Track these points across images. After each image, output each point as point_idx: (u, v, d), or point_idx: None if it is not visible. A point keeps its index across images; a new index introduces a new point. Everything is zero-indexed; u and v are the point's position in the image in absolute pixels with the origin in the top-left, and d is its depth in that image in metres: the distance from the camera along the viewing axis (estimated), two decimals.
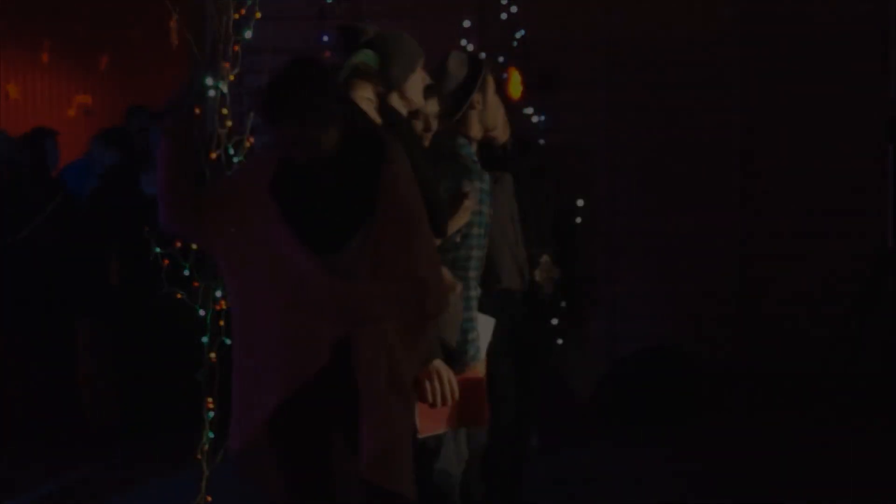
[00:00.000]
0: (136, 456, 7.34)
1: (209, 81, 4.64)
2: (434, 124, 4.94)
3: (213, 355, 5.24)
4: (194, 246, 4.92)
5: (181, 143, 3.77)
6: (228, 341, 5.25)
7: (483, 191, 4.88)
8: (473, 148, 5.10)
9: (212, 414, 5.30)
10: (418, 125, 4.84)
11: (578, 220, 8.29)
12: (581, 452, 7.36)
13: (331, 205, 3.63)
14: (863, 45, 8.90)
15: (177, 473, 6.65)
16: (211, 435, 5.31)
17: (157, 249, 5.06)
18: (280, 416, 3.65)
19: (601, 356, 8.81)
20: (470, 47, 7.91)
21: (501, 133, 5.64)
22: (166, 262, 5.04)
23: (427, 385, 3.75)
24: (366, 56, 4.35)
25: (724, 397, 8.50)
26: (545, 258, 5.99)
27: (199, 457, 5.34)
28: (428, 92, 4.72)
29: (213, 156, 4.94)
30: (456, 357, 4.56)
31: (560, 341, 7.64)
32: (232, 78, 5.06)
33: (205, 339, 5.22)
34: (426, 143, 4.92)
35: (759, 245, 8.96)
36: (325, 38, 7.46)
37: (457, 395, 3.80)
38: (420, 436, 4.27)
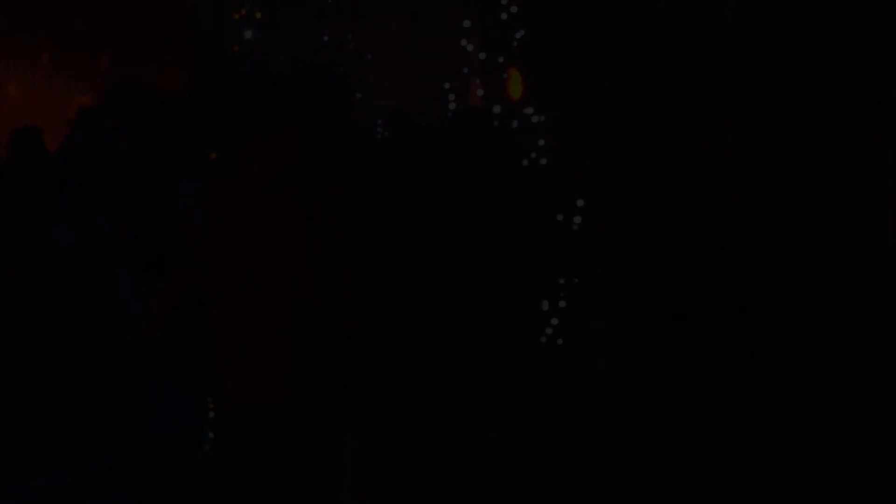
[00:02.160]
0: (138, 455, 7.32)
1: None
2: None
3: None
4: None
5: None
6: None
7: None
8: None
9: (212, 414, 5.30)
10: None
11: (578, 220, 8.28)
12: (579, 452, 7.37)
13: None
14: (863, 45, 8.89)
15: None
16: (211, 435, 5.32)
17: None
18: None
19: (601, 356, 8.81)
20: (470, 47, 7.91)
21: None
22: None
23: None
24: None
25: (724, 397, 8.49)
26: None
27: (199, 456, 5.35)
28: None
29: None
30: None
31: (560, 341, 7.63)
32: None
33: None
34: None
35: (758, 245, 8.95)
36: (326, 38, 7.47)
37: None
38: None
